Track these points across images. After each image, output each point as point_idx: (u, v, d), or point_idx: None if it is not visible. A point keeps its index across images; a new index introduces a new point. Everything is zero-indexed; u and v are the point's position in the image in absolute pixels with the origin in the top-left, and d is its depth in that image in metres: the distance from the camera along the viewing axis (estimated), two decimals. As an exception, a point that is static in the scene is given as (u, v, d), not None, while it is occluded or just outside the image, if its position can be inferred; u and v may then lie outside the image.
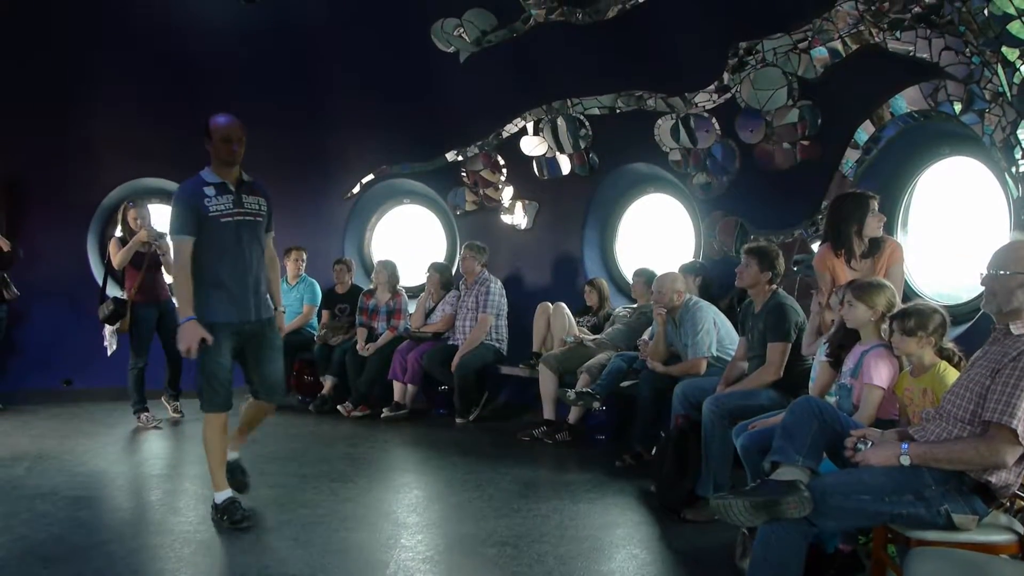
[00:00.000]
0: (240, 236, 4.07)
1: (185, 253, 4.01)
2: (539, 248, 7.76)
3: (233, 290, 4.07)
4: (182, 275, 4.00)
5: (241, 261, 4.08)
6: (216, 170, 4.10)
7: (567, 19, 6.66)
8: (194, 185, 4.07)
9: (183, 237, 4.01)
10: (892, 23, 5.06)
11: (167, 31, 7.50)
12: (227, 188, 4.07)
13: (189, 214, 4.00)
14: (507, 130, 7.62)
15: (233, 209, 4.05)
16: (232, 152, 4.03)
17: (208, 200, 4.01)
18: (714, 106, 6.32)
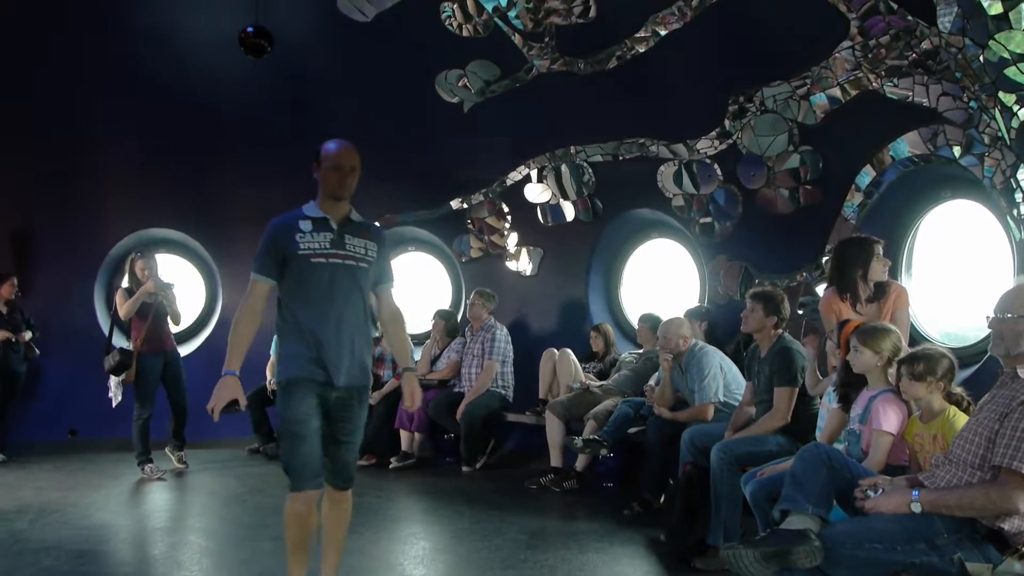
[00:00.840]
0: (335, 282, 3.37)
1: (255, 296, 3.42)
2: (544, 294, 7.77)
3: (320, 346, 3.34)
4: (243, 320, 3.40)
5: (332, 312, 3.36)
6: (321, 203, 3.49)
7: (569, 69, 6.77)
8: (288, 218, 3.46)
9: (257, 277, 3.42)
10: (889, 70, 5.13)
11: (175, 84, 7.63)
12: (327, 225, 3.42)
13: (270, 251, 3.39)
14: (511, 177, 7.70)
15: (329, 249, 3.38)
16: (342, 183, 3.44)
17: (301, 236, 3.38)
18: (716, 152, 6.39)
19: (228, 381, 3.39)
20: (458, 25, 6.90)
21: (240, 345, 3.40)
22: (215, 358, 8.34)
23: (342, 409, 3.44)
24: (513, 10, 6.63)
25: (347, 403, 3.44)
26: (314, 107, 7.82)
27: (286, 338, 3.44)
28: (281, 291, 3.45)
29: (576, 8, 6.40)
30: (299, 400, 3.33)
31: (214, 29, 7.08)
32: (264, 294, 3.44)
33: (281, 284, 3.43)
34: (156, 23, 7.24)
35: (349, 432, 3.48)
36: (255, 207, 8.19)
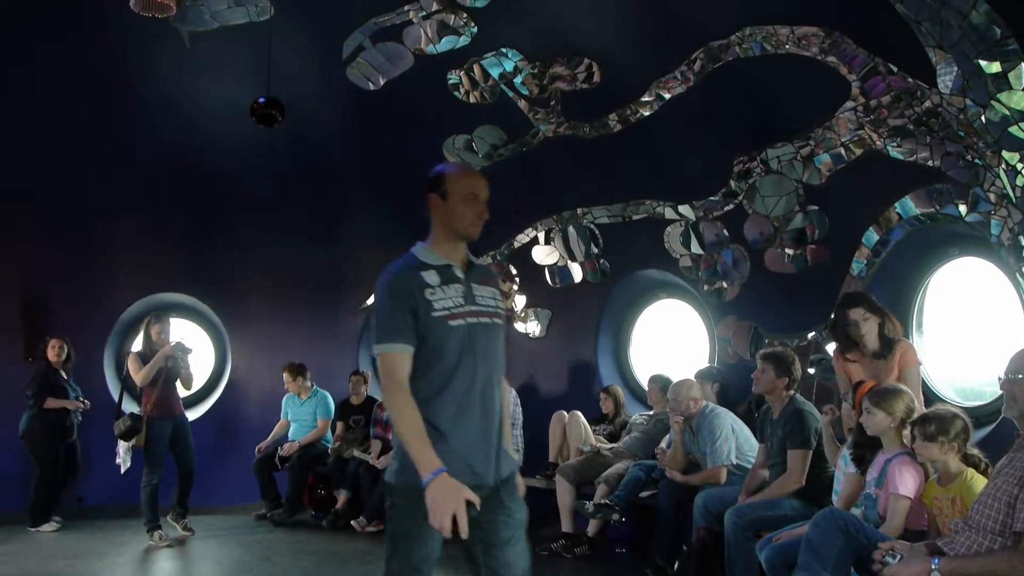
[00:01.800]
0: (475, 348, 2.61)
1: (400, 373, 2.55)
2: (553, 356, 7.75)
3: (464, 434, 2.58)
4: (407, 407, 2.51)
5: (476, 387, 2.61)
6: (438, 246, 2.70)
7: (575, 133, 6.87)
8: (408, 268, 2.64)
9: (397, 347, 2.55)
10: (892, 130, 5.18)
11: (185, 149, 7.76)
12: (453, 274, 2.66)
13: (404, 312, 2.56)
14: (519, 240, 7.75)
15: (464, 306, 2.62)
16: (481, 216, 2.71)
17: (431, 292, 2.59)
18: (722, 213, 6.42)
19: (445, 481, 2.39)
20: (465, 92, 7.03)
21: (422, 434, 2.47)
22: (223, 423, 8.40)
23: (495, 508, 2.61)
24: (518, 77, 6.76)
25: (499, 499, 2.64)
26: (322, 173, 7.94)
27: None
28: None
29: (580, 74, 6.53)
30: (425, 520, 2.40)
31: (224, 96, 7.23)
32: (409, 366, 2.56)
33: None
34: (166, 91, 7.40)
35: (510, 533, 2.65)
36: (264, 271, 8.31)
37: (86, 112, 7.46)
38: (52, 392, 7.20)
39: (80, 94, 7.33)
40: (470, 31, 6.57)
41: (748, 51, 5.60)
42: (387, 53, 6.95)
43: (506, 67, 6.75)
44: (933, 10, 4.36)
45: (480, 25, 6.49)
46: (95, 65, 7.08)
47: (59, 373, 7.34)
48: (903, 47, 4.69)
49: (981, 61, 4.32)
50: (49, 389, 7.20)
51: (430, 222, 2.75)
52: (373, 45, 6.90)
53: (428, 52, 6.82)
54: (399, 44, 6.83)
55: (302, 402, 7.81)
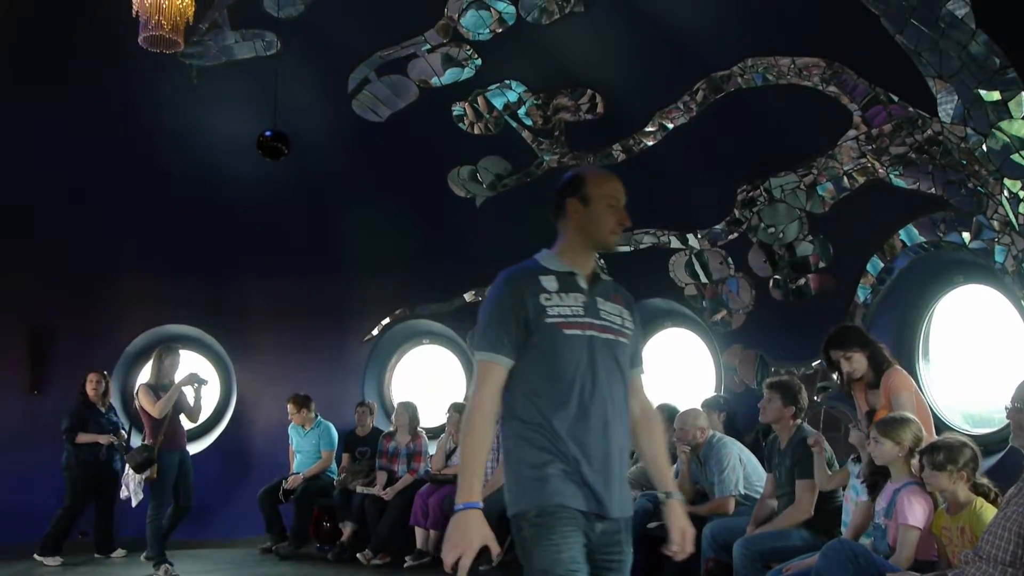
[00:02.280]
0: (595, 362, 2.37)
1: (492, 386, 2.35)
2: (559, 385, 7.71)
3: (584, 457, 2.32)
4: (481, 426, 2.32)
5: (595, 404, 2.36)
6: (566, 254, 2.50)
7: (579, 163, 6.91)
8: (525, 271, 2.46)
9: (491, 357, 2.35)
10: (894, 159, 5.21)
11: (192, 182, 7.83)
12: (576, 283, 2.45)
13: (509, 321, 2.36)
14: (524, 270, 7.76)
15: (583, 317, 2.40)
16: (622, 222, 2.52)
17: (547, 297, 2.39)
18: (726, 241, 6.44)
19: (474, 518, 2.26)
20: (469, 123, 7.10)
21: (481, 460, 2.32)
22: (228, 455, 8.36)
23: (609, 550, 2.37)
24: (522, 108, 6.83)
25: (615, 541, 2.38)
26: (328, 204, 7.99)
27: (524, 443, 2.35)
28: (514, 374, 2.37)
29: (583, 105, 6.59)
30: (561, 542, 2.24)
31: (231, 130, 7.30)
32: (502, 382, 2.36)
33: (516, 367, 2.38)
34: (173, 124, 7.47)
35: (621, 572, 2.44)
36: (270, 303, 8.33)
37: (93, 145, 7.54)
38: (84, 426, 7.17)
39: (87, 127, 7.41)
40: (474, 63, 6.65)
41: (750, 82, 5.65)
42: (392, 86, 7.04)
43: (510, 98, 6.82)
44: (932, 41, 4.41)
45: (484, 58, 6.57)
46: (102, 99, 7.17)
47: (95, 406, 7.31)
48: (903, 77, 4.74)
49: (981, 90, 4.36)
50: (81, 423, 7.17)
51: (560, 229, 2.54)
52: (378, 78, 6.98)
53: (433, 84, 6.90)
54: (404, 77, 6.92)
55: (305, 433, 7.78)
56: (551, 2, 5.93)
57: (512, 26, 6.23)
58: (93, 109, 7.25)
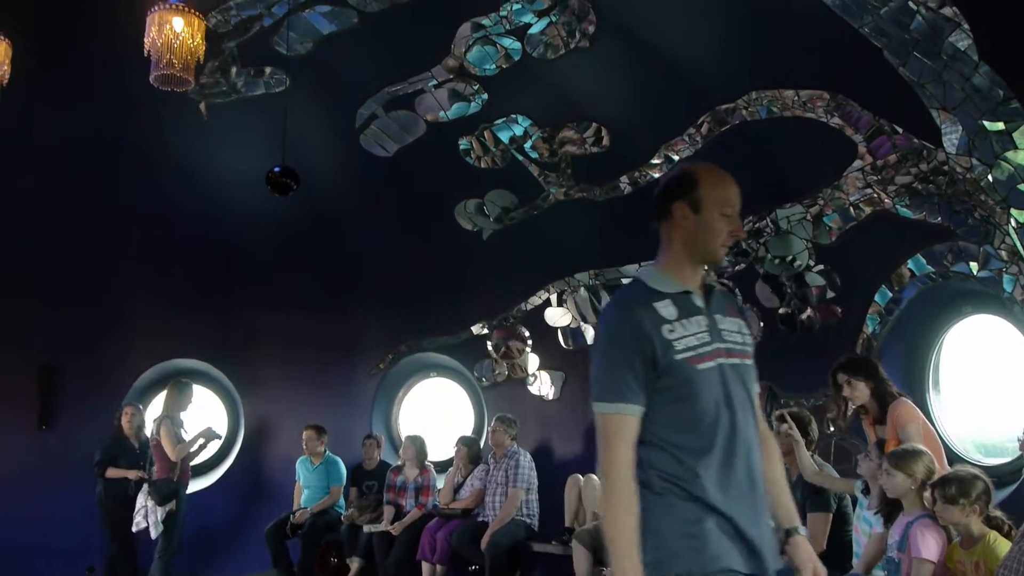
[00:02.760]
0: (730, 395, 2.07)
1: (625, 443, 2.01)
2: (567, 418, 7.69)
3: (737, 511, 2.01)
4: (624, 495, 1.98)
5: (739, 447, 2.06)
6: (672, 269, 2.16)
7: (586, 195, 6.95)
8: (639, 300, 2.10)
9: (622, 408, 2.02)
10: (899, 190, 5.22)
11: (200, 218, 7.89)
12: (693, 303, 2.12)
13: (634, 361, 2.02)
14: (531, 302, 7.78)
15: (711, 344, 2.08)
16: (735, 234, 2.18)
17: (669, 329, 2.04)
18: (733, 272, 6.44)
19: None
20: (476, 157, 7.15)
21: (631, 531, 1.94)
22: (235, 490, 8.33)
23: None
24: (528, 141, 6.88)
25: None
26: (336, 238, 8.04)
27: (667, 499, 2.00)
28: (643, 421, 2.04)
29: (589, 138, 6.64)
30: None
31: (239, 165, 7.36)
32: (636, 434, 2.02)
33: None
34: (181, 160, 7.55)
35: None
36: (278, 337, 8.34)
37: (101, 180, 7.62)
38: (114, 460, 7.15)
39: (95, 163, 7.50)
40: (480, 98, 6.71)
41: (755, 114, 5.69)
42: (400, 121, 7.11)
43: (516, 132, 6.88)
44: (935, 73, 4.44)
45: (490, 92, 6.64)
46: (110, 134, 7.25)
47: (127, 440, 7.29)
48: (907, 108, 4.77)
49: (985, 121, 4.38)
50: (111, 458, 7.16)
51: (662, 237, 2.19)
52: (386, 113, 7.06)
53: (440, 119, 6.96)
54: (411, 112, 6.99)
55: (313, 468, 7.75)
56: (556, 38, 6.01)
57: (518, 61, 6.30)
58: (102, 145, 7.33)
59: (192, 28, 4.55)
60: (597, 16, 5.74)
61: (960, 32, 4.20)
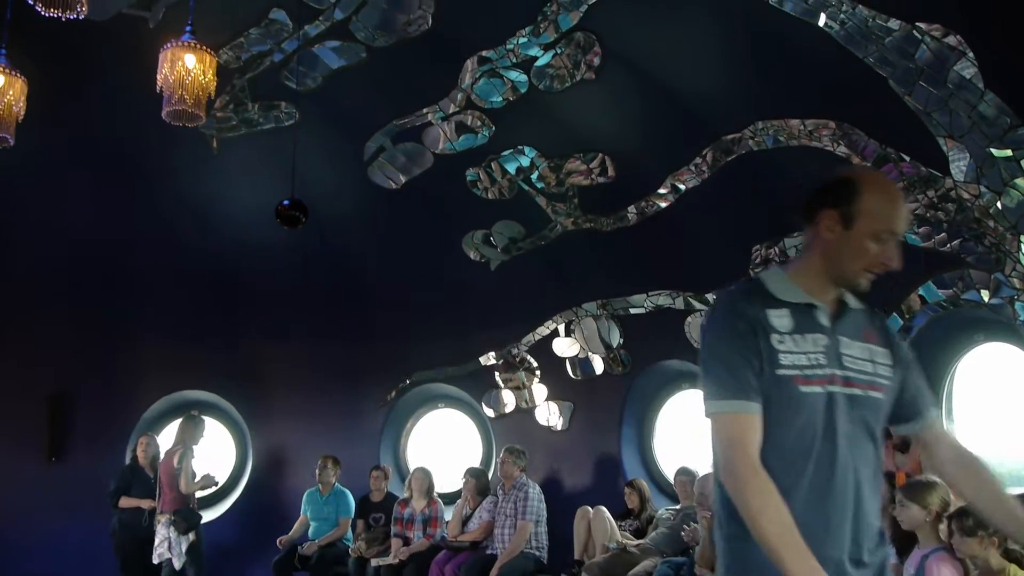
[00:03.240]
0: (834, 429, 1.83)
1: (749, 444, 1.79)
2: (576, 449, 7.64)
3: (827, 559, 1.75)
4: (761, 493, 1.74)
5: (837, 487, 1.83)
6: (803, 277, 1.93)
7: (593, 225, 6.96)
8: (752, 301, 1.89)
9: (742, 406, 1.81)
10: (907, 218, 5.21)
11: (211, 250, 7.94)
12: (815, 320, 1.89)
13: (748, 356, 1.82)
14: (539, 332, 7.76)
15: (824, 368, 1.84)
16: (889, 263, 1.90)
17: (778, 339, 1.84)
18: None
19: None
20: (483, 188, 7.19)
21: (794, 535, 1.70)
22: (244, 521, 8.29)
23: None
24: (535, 172, 6.91)
25: None
26: (344, 269, 8.06)
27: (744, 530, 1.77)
28: None
29: (596, 168, 6.67)
30: None
31: (250, 199, 7.42)
32: (758, 436, 1.80)
33: None
34: (193, 194, 7.63)
35: None
36: (286, 368, 8.35)
37: (112, 214, 7.69)
38: (128, 490, 7.14)
39: (105, 196, 7.57)
40: (487, 130, 6.76)
41: (761, 143, 5.71)
42: (407, 153, 7.16)
43: (523, 163, 6.91)
44: (942, 101, 4.45)
45: (497, 124, 6.68)
46: (120, 168, 7.34)
47: (142, 471, 7.28)
48: (914, 137, 4.77)
49: (992, 149, 4.38)
50: (126, 487, 7.15)
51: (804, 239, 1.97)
52: (394, 146, 7.11)
53: (447, 151, 7.01)
54: (419, 144, 7.04)
55: (323, 499, 7.70)
56: (562, 70, 6.06)
57: (524, 94, 6.35)
58: (112, 178, 7.42)
59: (204, 64, 4.61)
60: (602, 49, 5.79)
61: (965, 60, 4.22)
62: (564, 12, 5.64)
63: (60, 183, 7.43)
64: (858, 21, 4.48)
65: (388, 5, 5.95)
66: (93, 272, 7.96)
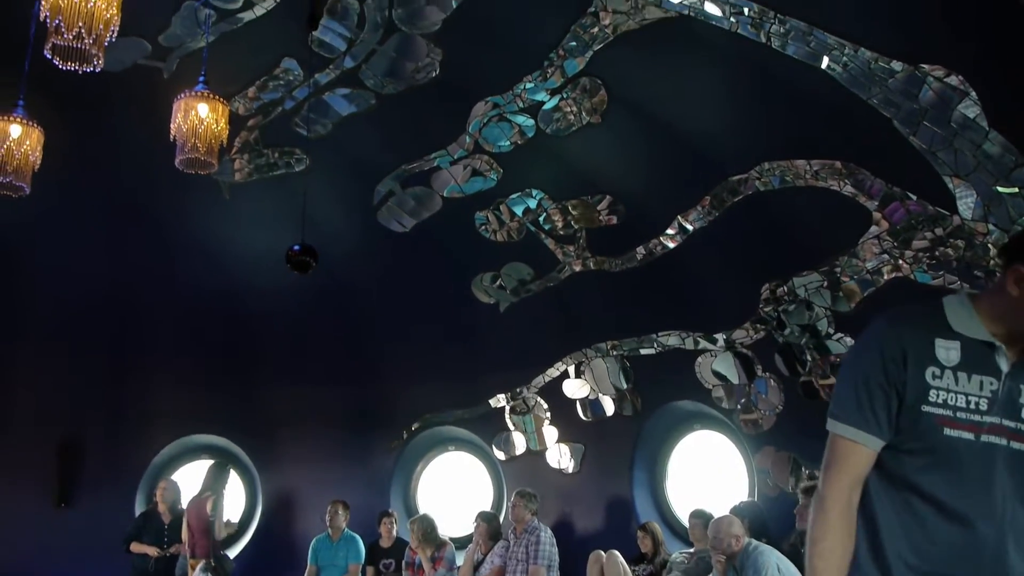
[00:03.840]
0: (994, 485, 1.68)
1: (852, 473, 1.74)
2: (587, 492, 7.57)
3: None
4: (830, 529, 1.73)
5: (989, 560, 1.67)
6: (987, 311, 1.73)
7: (601, 267, 6.99)
8: (920, 324, 1.74)
9: (857, 435, 1.72)
10: (917, 253, 5.21)
11: (221, 295, 7.99)
12: (990, 360, 1.69)
13: (884, 385, 1.70)
14: (549, 374, 7.75)
15: (985, 415, 1.67)
16: None
17: (935, 373, 1.68)
18: (752, 342, 6.41)
19: None
20: (492, 230, 7.24)
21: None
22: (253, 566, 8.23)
23: None
24: (543, 214, 6.96)
25: None
26: (355, 313, 8.10)
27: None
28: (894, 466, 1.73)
29: (603, 210, 6.71)
30: None
31: (261, 243, 7.48)
32: (866, 469, 1.73)
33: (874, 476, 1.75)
34: (204, 239, 7.71)
35: None
36: (295, 413, 8.33)
37: (124, 259, 7.76)
38: (139, 536, 7.11)
39: (117, 243, 7.65)
40: (495, 173, 6.83)
41: (768, 184, 5.75)
42: (416, 196, 7.23)
43: (531, 205, 6.97)
44: (946, 141, 4.49)
45: (505, 167, 6.76)
46: (132, 214, 7.42)
47: (159, 516, 7.25)
48: (920, 176, 4.80)
49: (999, 187, 4.40)
50: (137, 532, 7.13)
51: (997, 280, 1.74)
52: (403, 190, 7.19)
53: (456, 194, 7.08)
54: (428, 188, 7.11)
55: (333, 545, 7.61)
56: (568, 114, 6.14)
57: (532, 138, 6.43)
58: (124, 224, 7.50)
59: (216, 113, 4.69)
60: (607, 93, 5.88)
61: (968, 100, 4.26)
62: (570, 58, 5.74)
63: (75, 229, 7.52)
64: (860, 64, 4.54)
65: (397, 53, 6.06)
66: (104, 317, 8.01)
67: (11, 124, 4.87)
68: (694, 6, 4.92)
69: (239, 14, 5.83)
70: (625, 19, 5.28)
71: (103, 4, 3.79)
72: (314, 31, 5.96)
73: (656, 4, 5.05)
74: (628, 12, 5.22)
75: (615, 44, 5.51)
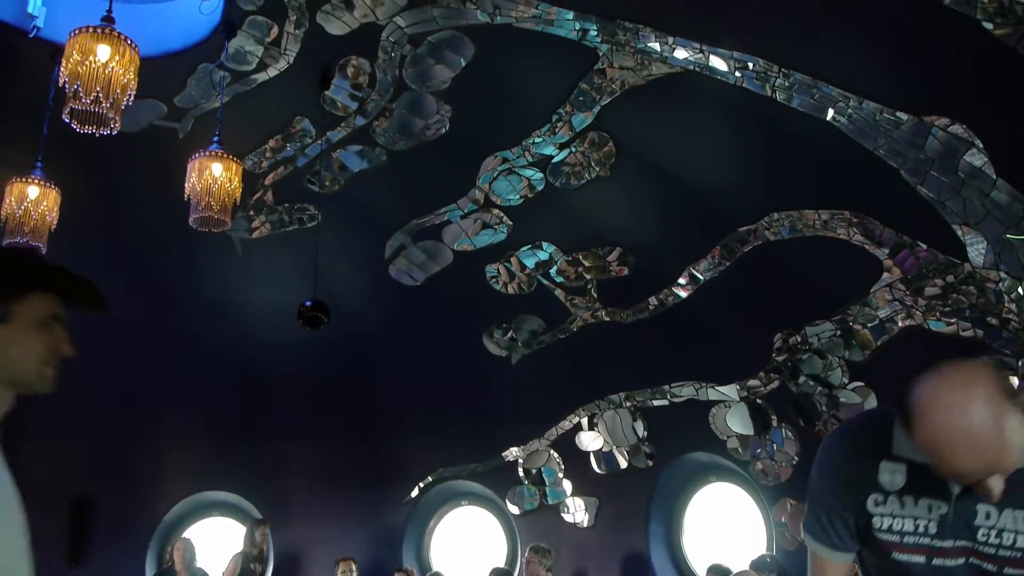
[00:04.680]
0: None
1: None
2: (603, 547, 7.44)
3: None
4: None
5: None
6: None
7: (613, 318, 6.98)
8: (864, 446, 1.70)
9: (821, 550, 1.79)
10: (929, 301, 5.19)
11: (232, 352, 8.02)
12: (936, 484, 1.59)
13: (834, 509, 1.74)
14: (562, 426, 7.69)
15: (932, 540, 1.64)
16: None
17: (877, 500, 1.67)
18: (766, 392, 6.36)
19: None
20: (503, 283, 7.26)
21: None
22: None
23: None
24: (554, 267, 6.99)
25: None
26: (366, 367, 8.09)
27: None
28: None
29: (613, 262, 6.73)
30: None
31: (272, 299, 7.51)
32: (846, 573, 1.79)
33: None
34: (215, 295, 7.74)
35: None
36: (307, 468, 8.28)
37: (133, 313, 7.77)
38: None
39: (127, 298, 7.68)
40: (505, 226, 6.87)
41: (777, 234, 5.76)
42: (427, 250, 7.28)
43: (541, 257, 6.99)
44: (954, 190, 4.50)
45: (515, 220, 6.80)
46: (143, 270, 7.47)
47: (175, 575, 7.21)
48: (929, 225, 4.80)
49: (1009, 235, 4.39)
50: None
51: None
52: (414, 244, 7.24)
53: (467, 247, 7.12)
54: (439, 242, 7.16)
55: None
56: (577, 168, 6.20)
57: (541, 191, 6.49)
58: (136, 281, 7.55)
59: (230, 172, 4.78)
60: (616, 146, 5.94)
61: (974, 150, 4.28)
62: (578, 112, 5.82)
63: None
64: (865, 115, 4.58)
65: (408, 110, 6.16)
66: (111, 378, 8.01)
67: (29, 185, 4.98)
68: (699, 61, 4.99)
69: (253, 75, 5.95)
70: (631, 75, 5.36)
71: (121, 70, 3.89)
72: (326, 91, 6.08)
73: (662, 60, 5.13)
74: (634, 68, 5.31)
75: (622, 99, 5.59)
